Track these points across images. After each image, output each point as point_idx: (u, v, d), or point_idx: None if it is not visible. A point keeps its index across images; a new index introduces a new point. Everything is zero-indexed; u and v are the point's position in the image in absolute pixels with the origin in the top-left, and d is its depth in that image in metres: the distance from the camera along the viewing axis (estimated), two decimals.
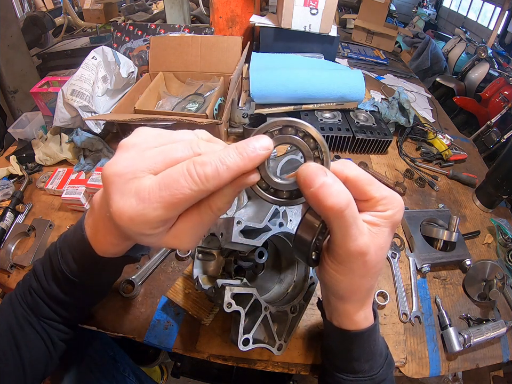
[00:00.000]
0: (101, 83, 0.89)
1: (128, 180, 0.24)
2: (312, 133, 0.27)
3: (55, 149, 0.85)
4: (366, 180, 0.29)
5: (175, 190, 0.23)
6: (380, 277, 0.66)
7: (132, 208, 0.24)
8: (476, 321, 0.61)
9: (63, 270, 0.37)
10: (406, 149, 1.01)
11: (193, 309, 0.56)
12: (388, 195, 0.29)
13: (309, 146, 0.27)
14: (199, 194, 0.24)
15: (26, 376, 0.39)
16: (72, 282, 0.38)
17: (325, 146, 0.27)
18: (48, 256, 0.39)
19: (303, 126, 0.26)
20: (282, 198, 0.28)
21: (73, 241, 0.37)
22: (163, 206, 0.23)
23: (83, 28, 1.93)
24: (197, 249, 0.50)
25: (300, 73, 0.94)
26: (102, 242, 0.35)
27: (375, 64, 1.56)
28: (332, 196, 0.24)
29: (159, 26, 1.12)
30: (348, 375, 0.39)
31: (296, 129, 0.27)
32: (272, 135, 0.27)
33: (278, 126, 0.27)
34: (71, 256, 0.37)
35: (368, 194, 0.29)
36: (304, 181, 0.25)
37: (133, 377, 0.71)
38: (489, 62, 2.77)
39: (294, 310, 0.47)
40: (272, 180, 0.27)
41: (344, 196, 0.25)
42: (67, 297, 0.39)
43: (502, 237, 0.75)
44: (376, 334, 0.39)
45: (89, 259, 0.36)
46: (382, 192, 0.29)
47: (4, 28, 1.17)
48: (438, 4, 6.73)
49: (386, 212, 0.29)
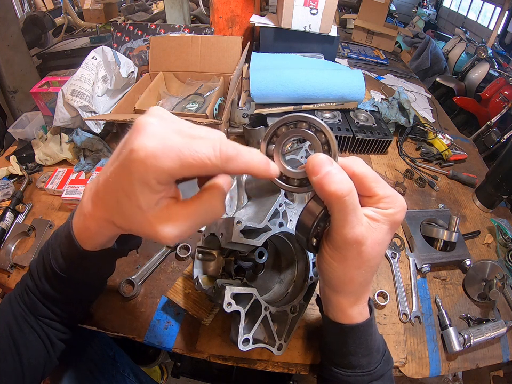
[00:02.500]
0: (101, 83, 0.89)
1: (157, 132, 0.25)
2: (324, 129, 0.30)
3: (55, 149, 0.85)
4: (372, 177, 0.31)
5: (195, 152, 0.24)
6: (380, 276, 0.66)
7: (153, 148, 0.24)
8: (476, 321, 0.61)
9: (52, 266, 0.37)
10: (406, 149, 1.01)
11: (193, 309, 0.56)
12: (391, 194, 0.31)
13: (320, 141, 0.30)
14: (211, 168, 0.25)
15: (25, 376, 0.39)
16: (61, 279, 0.38)
17: (334, 141, 0.30)
18: (42, 254, 0.39)
19: (316, 122, 0.30)
20: (293, 185, 0.31)
21: (62, 236, 0.37)
22: (179, 160, 0.24)
23: (83, 28, 1.93)
24: (197, 249, 0.50)
25: (299, 73, 0.94)
26: (91, 237, 0.34)
27: (375, 64, 1.56)
28: (335, 182, 0.27)
29: (159, 26, 1.12)
30: (346, 370, 0.39)
31: (310, 124, 0.30)
32: (288, 128, 0.30)
33: (294, 120, 0.30)
34: (59, 251, 0.37)
35: (372, 191, 0.31)
36: (313, 168, 0.28)
37: (133, 377, 0.71)
38: (489, 62, 2.77)
39: (294, 310, 0.47)
40: (285, 168, 0.31)
41: (347, 184, 0.28)
42: (57, 294, 0.39)
43: (502, 237, 0.75)
44: (372, 329, 0.39)
45: (75, 253, 0.36)
46: (386, 191, 0.31)
47: (4, 28, 1.17)
48: (438, 4, 6.74)
49: (387, 209, 0.31)
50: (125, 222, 0.29)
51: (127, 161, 0.25)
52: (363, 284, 0.35)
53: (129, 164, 0.25)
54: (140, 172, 0.25)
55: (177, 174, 0.25)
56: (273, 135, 0.31)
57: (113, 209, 0.29)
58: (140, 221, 0.27)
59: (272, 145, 0.31)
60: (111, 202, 0.29)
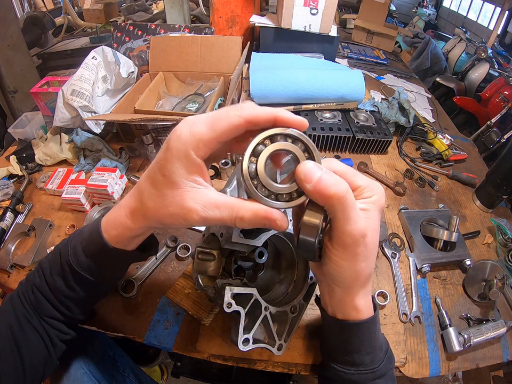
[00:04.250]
0: (101, 83, 0.89)
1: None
2: (301, 137, 0.29)
3: (55, 149, 0.85)
4: (351, 172, 0.33)
5: (218, 116, 0.29)
6: (380, 276, 0.66)
7: (187, 125, 0.29)
8: (476, 321, 0.61)
9: (71, 262, 0.38)
10: (406, 149, 1.01)
11: (193, 309, 0.56)
12: (369, 183, 0.34)
13: (300, 149, 0.29)
14: (236, 126, 0.29)
15: (26, 377, 0.39)
16: (79, 276, 0.39)
17: (314, 147, 0.30)
18: (58, 250, 0.40)
19: (291, 132, 0.29)
20: (284, 201, 0.30)
21: (86, 234, 0.39)
22: (210, 124, 0.29)
23: (83, 28, 1.94)
24: (197, 249, 0.50)
25: (299, 73, 0.94)
26: (119, 227, 0.36)
27: (375, 64, 1.56)
28: (332, 185, 0.28)
29: (159, 26, 1.12)
30: (349, 368, 0.40)
31: (285, 136, 0.29)
32: (265, 145, 0.29)
33: (267, 136, 0.29)
34: (81, 248, 0.38)
35: (355, 183, 0.33)
36: (305, 177, 0.28)
37: (133, 377, 0.71)
38: (489, 62, 2.77)
39: (294, 310, 0.47)
40: (272, 186, 0.29)
41: (343, 184, 0.29)
42: (71, 292, 0.40)
43: (502, 237, 0.75)
44: (375, 326, 0.39)
45: (99, 250, 0.37)
46: (365, 181, 0.33)
47: (4, 28, 1.17)
48: (438, 4, 6.73)
49: (372, 197, 0.33)
50: (155, 204, 0.31)
51: (165, 145, 0.30)
52: (371, 272, 0.36)
53: (167, 144, 0.29)
54: (176, 145, 0.29)
55: (209, 139, 0.29)
56: (251, 155, 0.29)
57: (147, 195, 0.32)
58: (172, 197, 0.30)
59: (253, 164, 0.29)
60: (147, 188, 0.32)
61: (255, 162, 0.29)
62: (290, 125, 0.29)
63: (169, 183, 0.30)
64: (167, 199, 0.30)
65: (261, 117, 0.29)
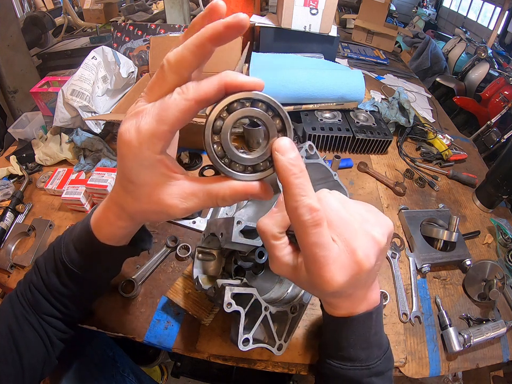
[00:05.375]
0: (101, 83, 0.89)
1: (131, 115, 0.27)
2: (282, 114, 0.27)
3: (55, 149, 0.85)
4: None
5: (164, 106, 0.25)
6: (380, 276, 0.66)
7: (128, 124, 0.27)
8: (476, 321, 0.61)
9: (64, 259, 0.38)
10: (406, 149, 1.01)
11: (193, 309, 0.56)
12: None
13: (275, 127, 0.27)
14: (185, 107, 0.25)
15: (24, 376, 0.39)
16: (72, 273, 0.39)
17: (291, 130, 0.27)
18: (52, 248, 0.40)
19: (276, 106, 0.26)
20: (259, 171, 0.28)
21: (77, 231, 0.39)
22: (155, 118, 0.26)
23: (83, 28, 1.93)
24: (197, 249, 0.50)
25: (299, 73, 0.94)
26: (107, 225, 0.36)
27: (375, 64, 1.56)
28: (302, 164, 0.27)
29: (159, 26, 1.12)
30: (346, 363, 0.39)
31: (268, 106, 0.26)
32: (243, 105, 0.26)
33: (250, 98, 0.26)
34: (72, 245, 0.38)
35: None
36: (284, 149, 0.26)
37: (133, 377, 0.71)
38: (489, 62, 2.77)
39: (294, 310, 0.47)
40: (237, 155, 0.27)
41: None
42: (65, 289, 0.40)
43: (502, 237, 0.75)
44: (371, 322, 0.38)
45: (90, 247, 0.37)
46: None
47: (4, 28, 1.17)
48: (438, 4, 6.73)
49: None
50: (135, 208, 0.31)
51: (119, 153, 0.28)
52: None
53: (120, 153, 0.27)
54: (129, 153, 0.27)
55: (162, 133, 0.26)
56: (223, 109, 0.26)
57: (124, 201, 0.32)
58: (148, 198, 0.29)
59: (221, 121, 0.26)
60: (123, 195, 0.32)
61: (218, 140, 0.26)
62: (243, 88, 0.26)
63: (140, 187, 0.29)
64: (144, 202, 0.29)
65: (209, 92, 0.25)
